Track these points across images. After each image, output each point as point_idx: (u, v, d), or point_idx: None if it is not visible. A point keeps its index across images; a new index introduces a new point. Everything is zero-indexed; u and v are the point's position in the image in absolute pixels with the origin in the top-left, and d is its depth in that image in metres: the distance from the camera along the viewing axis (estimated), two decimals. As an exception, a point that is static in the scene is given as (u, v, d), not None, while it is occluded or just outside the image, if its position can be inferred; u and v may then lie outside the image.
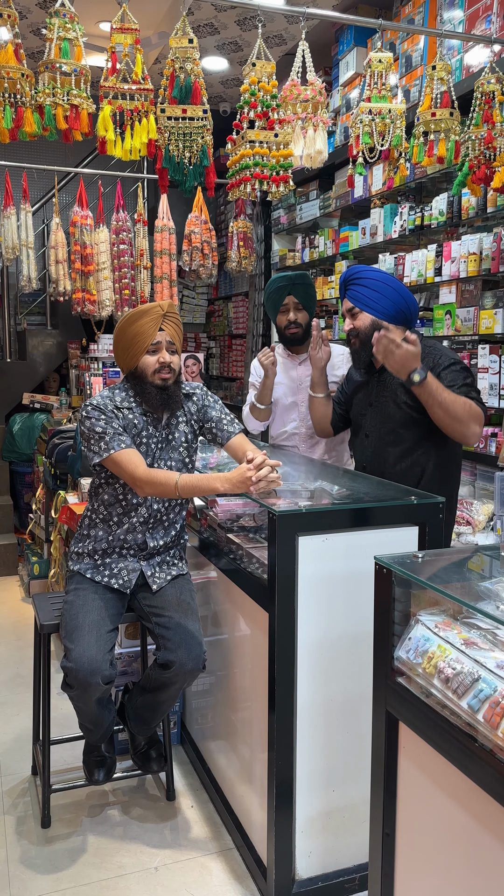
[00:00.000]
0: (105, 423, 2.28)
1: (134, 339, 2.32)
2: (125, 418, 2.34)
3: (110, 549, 2.43)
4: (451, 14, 3.37)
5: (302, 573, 1.98)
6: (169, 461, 2.41)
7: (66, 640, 2.28)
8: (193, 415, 2.46)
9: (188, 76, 2.33)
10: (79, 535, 2.51)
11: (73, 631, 2.26)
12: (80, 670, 2.19)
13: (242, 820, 2.34)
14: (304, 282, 3.03)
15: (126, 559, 2.44)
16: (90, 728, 2.42)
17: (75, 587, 2.41)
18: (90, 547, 2.45)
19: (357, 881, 2.10)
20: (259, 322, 5.69)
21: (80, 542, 2.49)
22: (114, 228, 5.10)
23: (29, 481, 5.82)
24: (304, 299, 3.02)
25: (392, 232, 3.86)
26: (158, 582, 2.43)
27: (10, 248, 4.97)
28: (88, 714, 2.35)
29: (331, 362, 2.97)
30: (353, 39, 4.15)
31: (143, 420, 2.37)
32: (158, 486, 2.24)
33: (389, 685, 1.58)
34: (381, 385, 2.52)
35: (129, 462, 2.25)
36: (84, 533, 2.49)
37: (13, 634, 4.12)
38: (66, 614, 2.34)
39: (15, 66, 2.19)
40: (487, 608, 1.40)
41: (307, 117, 2.52)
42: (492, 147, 2.61)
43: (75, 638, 2.24)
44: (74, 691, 2.25)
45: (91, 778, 2.49)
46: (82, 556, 2.47)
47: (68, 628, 2.29)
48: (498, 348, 3.09)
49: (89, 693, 2.24)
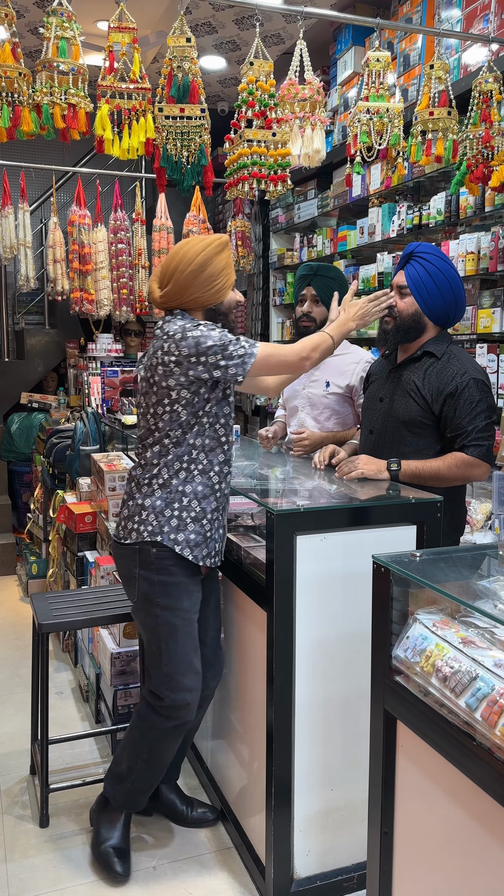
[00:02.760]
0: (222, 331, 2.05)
1: (224, 270, 2.11)
2: None
3: (218, 515, 2.15)
4: (448, 13, 3.37)
5: (300, 572, 1.98)
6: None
7: (170, 665, 2.10)
8: None
9: (186, 75, 2.34)
10: (165, 494, 2.10)
11: (179, 657, 2.09)
12: (193, 703, 2.12)
13: (241, 819, 2.34)
14: (327, 274, 2.85)
15: (221, 521, 2.18)
16: (154, 776, 2.24)
17: (174, 582, 2.10)
18: (197, 508, 2.11)
19: (355, 880, 2.10)
20: (258, 321, 5.69)
21: (173, 504, 2.10)
22: (112, 228, 5.10)
23: (27, 481, 5.82)
24: (323, 293, 2.83)
25: (390, 231, 3.86)
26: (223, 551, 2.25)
27: (8, 248, 4.96)
28: (171, 754, 2.23)
29: (339, 368, 2.87)
30: (351, 38, 4.15)
31: None
32: (320, 352, 2.15)
33: (388, 684, 1.58)
34: (395, 382, 2.44)
35: (277, 351, 2.09)
36: (179, 490, 2.09)
37: (11, 634, 4.12)
38: (164, 629, 2.10)
39: (12, 65, 2.19)
40: (485, 607, 1.40)
41: (305, 116, 2.52)
42: (490, 146, 2.61)
43: (183, 665, 2.10)
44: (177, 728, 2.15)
45: (111, 870, 2.20)
46: (184, 524, 2.10)
47: (173, 652, 2.09)
48: (496, 347, 3.09)
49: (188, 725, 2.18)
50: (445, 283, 2.34)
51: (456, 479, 2.29)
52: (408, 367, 2.41)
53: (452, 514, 2.37)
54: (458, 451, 2.27)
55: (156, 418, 2.10)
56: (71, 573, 3.65)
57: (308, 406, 2.94)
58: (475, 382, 2.28)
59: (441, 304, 2.35)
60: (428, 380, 2.33)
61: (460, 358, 2.34)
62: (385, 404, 2.45)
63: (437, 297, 2.34)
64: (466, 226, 3.43)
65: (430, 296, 2.34)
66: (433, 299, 2.34)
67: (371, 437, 2.50)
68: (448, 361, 2.33)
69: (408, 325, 2.37)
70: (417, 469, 2.27)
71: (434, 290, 2.34)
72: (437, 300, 2.34)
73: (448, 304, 2.36)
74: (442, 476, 2.26)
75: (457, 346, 2.41)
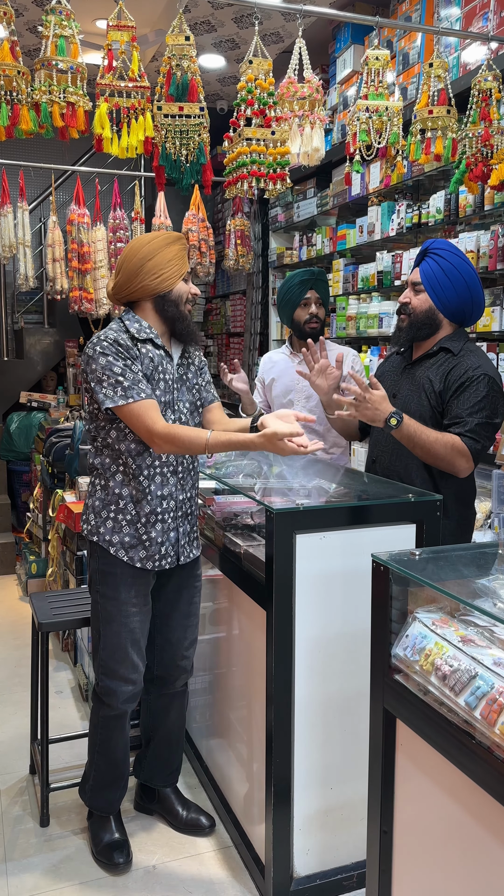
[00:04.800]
0: (124, 364, 2.05)
1: (172, 260, 2.14)
2: (141, 353, 2.12)
3: (157, 518, 2.17)
4: (448, 11, 3.37)
5: (300, 571, 1.98)
6: (185, 402, 2.22)
7: (104, 652, 2.21)
8: (198, 365, 2.32)
9: (185, 74, 2.33)
10: (104, 495, 2.18)
11: (114, 645, 2.19)
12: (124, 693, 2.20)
13: (241, 818, 2.34)
14: (322, 278, 3.03)
15: (166, 524, 2.19)
16: (111, 770, 2.30)
17: (111, 572, 2.17)
18: (133, 511, 2.15)
19: (355, 878, 2.10)
20: (256, 320, 5.69)
21: (110, 505, 2.16)
22: (111, 226, 5.10)
23: (26, 480, 5.82)
24: (325, 295, 3.03)
25: (389, 230, 3.86)
26: (185, 554, 2.27)
27: (6, 247, 4.96)
28: (119, 746, 2.29)
29: (346, 361, 2.95)
30: (351, 37, 4.15)
31: (158, 355, 2.16)
32: (181, 443, 2.00)
33: (387, 683, 1.58)
34: (409, 378, 2.39)
35: (147, 415, 2.02)
36: (116, 492, 2.15)
37: (11, 634, 4.12)
38: (102, 615, 2.20)
39: (11, 64, 2.19)
40: (485, 605, 1.40)
41: (304, 115, 2.52)
42: (489, 144, 2.61)
43: (118, 654, 2.19)
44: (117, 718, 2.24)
45: (112, 862, 2.24)
46: (120, 526, 2.16)
47: (107, 639, 2.20)
48: (495, 346, 3.09)
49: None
50: (460, 278, 2.29)
51: (440, 461, 2.19)
52: (423, 364, 2.36)
53: (461, 517, 2.33)
54: (455, 435, 2.19)
55: (92, 421, 2.17)
56: (70, 572, 3.65)
57: (304, 398, 3.02)
58: (486, 378, 2.22)
59: (456, 301, 2.31)
60: (442, 374, 2.28)
61: (477, 354, 2.30)
62: (398, 401, 2.38)
63: (452, 293, 2.30)
64: (466, 224, 3.43)
65: (444, 291, 2.30)
66: (447, 295, 2.30)
67: (381, 433, 2.42)
68: (463, 357, 2.27)
69: (421, 322, 2.33)
70: (416, 431, 2.17)
71: (448, 285, 2.29)
72: (451, 296, 2.30)
73: (463, 300, 2.31)
74: (433, 449, 2.17)
75: (474, 344, 2.37)
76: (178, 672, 2.37)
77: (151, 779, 2.46)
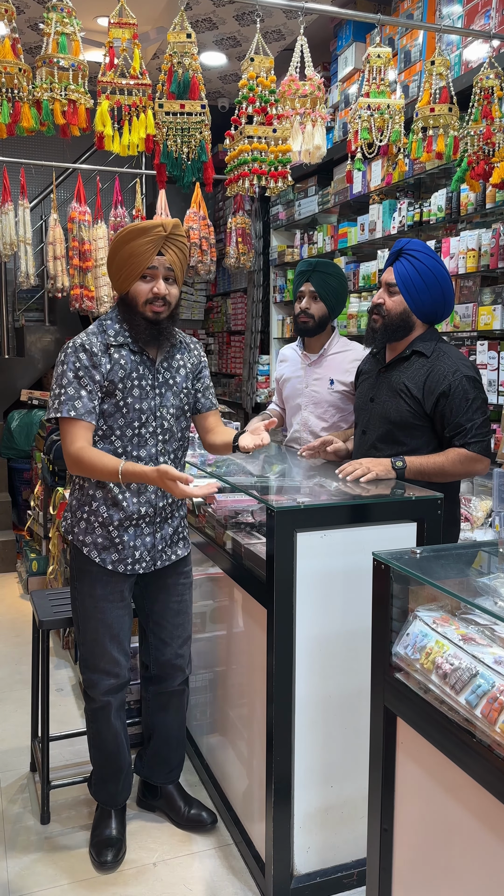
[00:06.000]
0: (75, 376, 2.04)
1: (128, 260, 2.04)
2: (112, 359, 2.07)
3: (131, 524, 2.17)
4: (449, 9, 3.36)
5: (300, 569, 1.98)
6: (169, 407, 2.16)
7: (84, 647, 2.25)
8: (191, 369, 2.25)
9: (186, 71, 2.33)
10: (80, 495, 2.19)
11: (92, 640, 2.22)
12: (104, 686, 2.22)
13: (241, 816, 2.34)
14: (326, 270, 2.82)
15: (141, 529, 2.18)
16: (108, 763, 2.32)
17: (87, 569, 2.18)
18: (105, 514, 2.14)
19: (355, 876, 2.10)
20: (257, 318, 5.69)
21: (84, 506, 2.17)
22: (112, 224, 5.09)
23: (27, 478, 5.82)
24: (322, 289, 2.81)
25: (391, 228, 3.85)
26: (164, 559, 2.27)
27: (7, 244, 4.96)
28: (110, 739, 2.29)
29: (342, 366, 2.88)
30: (352, 35, 4.14)
31: (133, 361, 2.10)
32: (89, 469, 2.00)
33: (387, 681, 1.58)
34: (385, 381, 2.42)
35: (69, 433, 2.03)
36: (90, 494, 2.15)
37: (12, 631, 4.12)
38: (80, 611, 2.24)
39: (12, 61, 2.19)
40: (485, 604, 1.40)
41: (306, 113, 2.51)
42: (491, 143, 2.60)
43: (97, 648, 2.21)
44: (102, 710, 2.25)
45: (100, 859, 2.23)
46: (92, 527, 2.16)
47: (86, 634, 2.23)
48: (496, 345, 3.09)
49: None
50: (434, 280, 2.31)
51: (458, 474, 2.29)
52: (397, 367, 2.40)
53: (446, 511, 2.37)
54: (459, 448, 2.27)
55: None
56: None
57: (311, 404, 2.95)
58: (467, 380, 2.27)
59: (430, 302, 2.34)
60: (419, 379, 2.31)
61: (450, 355, 2.33)
62: (377, 405, 2.43)
63: (426, 295, 2.32)
64: (467, 222, 3.42)
65: (419, 293, 2.32)
66: (422, 297, 2.33)
67: (365, 437, 2.48)
68: (437, 360, 2.31)
69: (396, 324, 2.35)
70: (421, 465, 2.26)
71: (423, 287, 2.32)
72: (425, 298, 2.33)
73: (437, 301, 2.34)
74: (445, 471, 2.26)
75: (445, 343, 2.39)
76: (173, 670, 2.37)
77: (152, 776, 2.47)
